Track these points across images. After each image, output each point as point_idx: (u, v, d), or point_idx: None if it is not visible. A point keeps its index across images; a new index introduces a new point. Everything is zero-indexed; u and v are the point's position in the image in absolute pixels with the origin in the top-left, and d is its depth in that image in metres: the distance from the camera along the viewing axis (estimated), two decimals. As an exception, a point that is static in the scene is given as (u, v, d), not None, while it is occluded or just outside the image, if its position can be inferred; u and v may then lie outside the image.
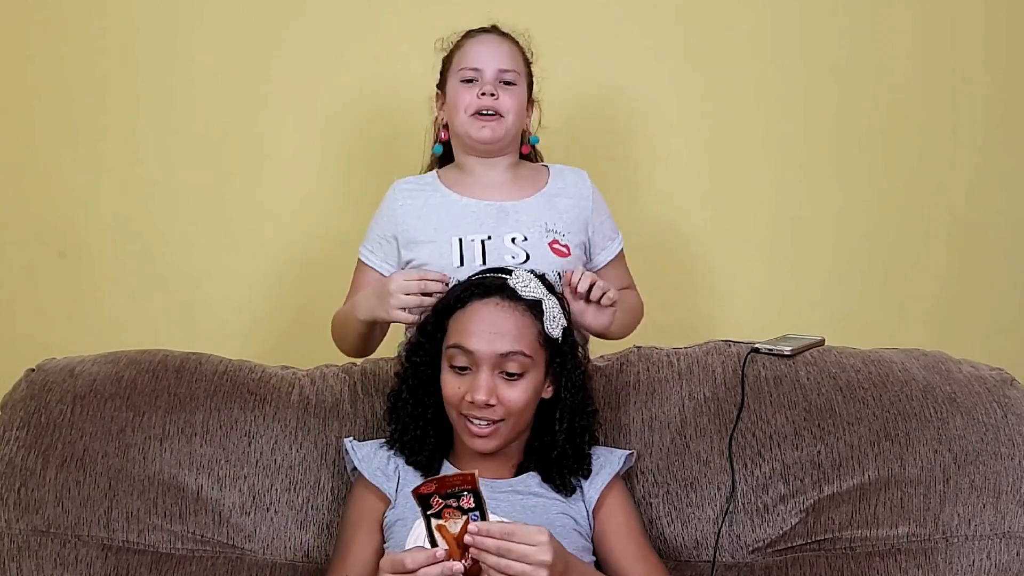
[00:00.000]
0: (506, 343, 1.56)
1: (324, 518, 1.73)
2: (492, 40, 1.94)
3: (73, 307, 2.59)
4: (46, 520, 1.70)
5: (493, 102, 1.88)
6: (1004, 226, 2.59)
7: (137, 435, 1.75)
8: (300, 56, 2.55)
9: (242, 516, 1.72)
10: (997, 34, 2.57)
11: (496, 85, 1.89)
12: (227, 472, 1.74)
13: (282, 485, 1.74)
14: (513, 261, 1.83)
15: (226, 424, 1.77)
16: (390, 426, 1.68)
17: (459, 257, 1.84)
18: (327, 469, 1.75)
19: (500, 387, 1.56)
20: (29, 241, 2.59)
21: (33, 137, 2.57)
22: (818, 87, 2.57)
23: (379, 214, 1.96)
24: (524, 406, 1.58)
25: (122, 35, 2.55)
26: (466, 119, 1.89)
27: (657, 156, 2.59)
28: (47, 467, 1.72)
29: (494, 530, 1.34)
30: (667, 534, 1.72)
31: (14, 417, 1.78)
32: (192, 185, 2.56)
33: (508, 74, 1.91)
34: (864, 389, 1.78)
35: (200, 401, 1.78)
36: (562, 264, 1.85)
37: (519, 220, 1.88)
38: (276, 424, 1.78)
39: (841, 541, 1.69)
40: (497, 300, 1.59)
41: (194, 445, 1.75)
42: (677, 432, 1.77)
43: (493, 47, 1.92)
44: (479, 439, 1.57)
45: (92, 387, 1.79)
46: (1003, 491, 1.69)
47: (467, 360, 1.57)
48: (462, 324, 1.59)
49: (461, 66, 1.92)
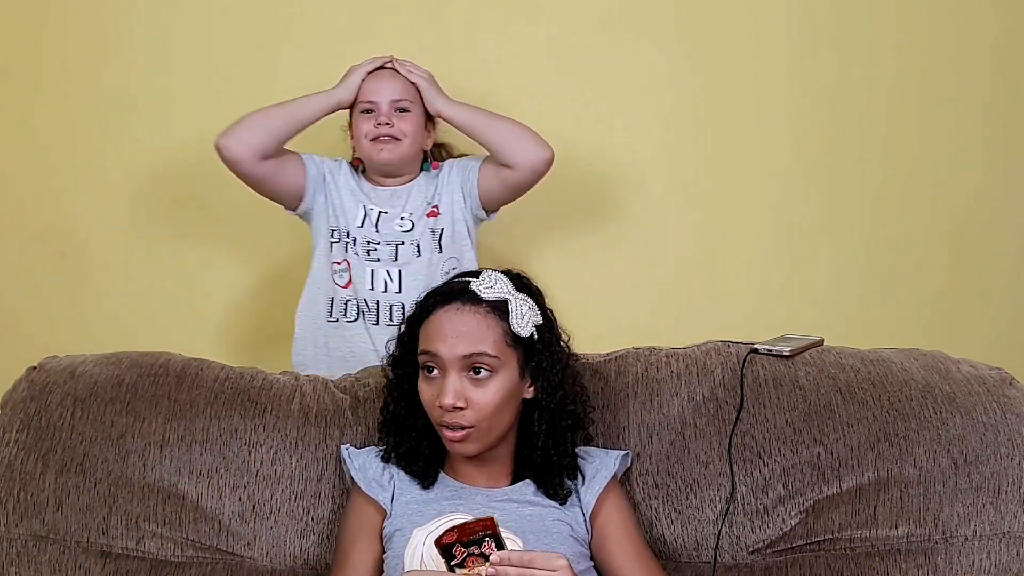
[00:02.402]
0: (468, 344, 1.55)
1: (325, 528, 1.72)
2: (385, 75, 2.23)
3: (73, 307, 2.59)
4: (45, 525, 1.69)
5: (389, 129, 2.19)
6: (1004, 226, 2.59)
7: (137, 441, 1.74)
8: (300, 56, 2.55)
9: (242, 524, 1.72)
10: (997, 34, 2.57)
11: (391, 114, 2.20)
12: (227, 481, 1.73)
13: (282, 495, 1.73)
14: (399, 229, 2.22)
15: (226, 433, 1.76)
16: (384, 439, 1.68)
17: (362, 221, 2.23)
18: (328, 479, 1.74)
19: (468, 390, 1.55)
20: (29, 241, 2.59)
21: (33, 137, 2.58)
22: (817, 87, 2.57)
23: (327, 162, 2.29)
24: (495, 408, 1.56)
25: (122, 35, 2.56)
26: (367, 144, 2.21)
27: (656, 155, 2.59)
28: (47, 471, 1.72)
29: (514, 558, 1.35)
30: (667, 535, 1.72)
31: (14, 419, 1.77)
32: (192, 185, 2.56)
33: (401, 102, 2.21)
34: (863, 389, 1.77)
35: (200, 408, 1.78)
36: (434, 222, 2.24)
37: (407, 201, 2.25)
38: (276, 433, 1.77)
39: (841, 542, 1.69)
40: (458, 305, 1.59)
41: (194, 453, 1.74)
42: (676, 433, 1.77)
43: (386, 82, 2.22)
44: (455, 444, 1.57)
45: (93, 390, 1.79)
46: (1003, 491, 1.69)
47: (435, 364, 1.57)
48: (427, 332, 1.59)
49: (360, 100, 2.22)
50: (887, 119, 2.57)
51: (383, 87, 2.21)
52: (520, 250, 2.56)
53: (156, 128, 2.56)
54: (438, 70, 2.25)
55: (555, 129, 2.26)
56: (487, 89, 2.52)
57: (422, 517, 1.57)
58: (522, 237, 2.57)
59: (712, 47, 2.56)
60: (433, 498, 1.61)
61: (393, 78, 2.23)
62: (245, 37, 2.55)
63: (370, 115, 2.20)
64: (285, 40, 2.55)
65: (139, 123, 2.56)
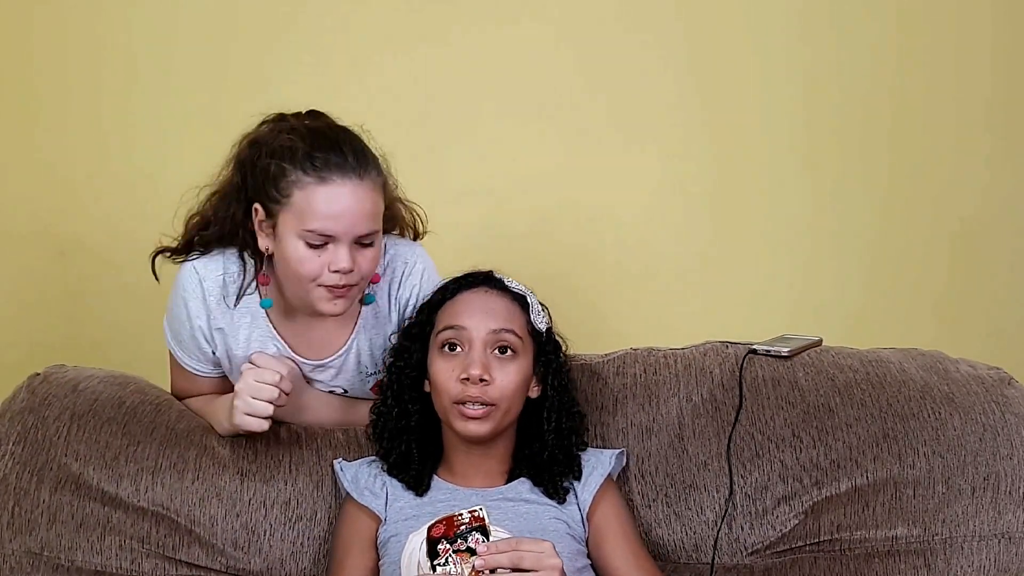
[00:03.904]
0: (498, 321, 1.60)
1: (320, 548, 1.70)
2: (347, 193, 1.59)
3: (73, 307, 2.59)
4: (39, 542, 1.67)
5: (349, 278, 1.61)
6: (1004, 227, 2.58)
7: (130, 465, 1.71)
8: (299, 56, 2.54)
9: (236, 550, 1.69)
10: (1001, 35, 2.56)
11: (352, 250, 1.60)
12: (219, 511, 1.70)
13: (276, 520, 1.71)
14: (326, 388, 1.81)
15: (219, 462, 1.73)
16: (376, 442, 1.68)
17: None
18: (323, 499, 1.72)
19: (493, 366, 1.57)
20: (29, 241, 2.59)
21: (33, 137, 2.57)
22: (820, 87, 2.57)
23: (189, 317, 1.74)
24: (515, 390, 1.59)
25: (122, 35, 2.55)
26: (312, 288, 1.62)
27: (657, 153, 2.59)
28: (41, 487, 1.70)
29: (502, 546, 1.36)
30: (666, 537, 1.72)
31: (11, 430, 1.75)
32: (192, 185, 2.56)
33: (367, 237, 1.62)
34: (862, 390, 1.77)
35: (195, 439, 1.75)
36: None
37: (340, 373, 1.79)
38: (269, 460, 1.74)
39: (840, 542, 1.69)
40: (485, 288, 1.65)
41: (186, 481, 1.71)
42: (675, 434, 1.76)
43: (351, 205, 1.59)
44: (473, 422, 1.57)
45: (92, 407, 1.76)
46: (1002, 491, 1.69)
47: (460, 338, 1.58)
48: (453, 310, 1.62)
49: (307, 225, 1.58)
50: (890, 120, 2.56)
51: (347, 213, 1.59)
52: (520, 250, 2.56)
53: (156, 128, 2.55)
54: (439, 71, 2.23)
55: (556, 129, 2.26)
56: (485, 90, 2.52)
57: (417, 521, 1.57)
58: (523, 237, 2.57)
59: (714, 49, 2.56)
60: (427, 502, 1.61)
61: (361, 198, 1.60)
62: (245, 36, 2.54)
63: (320, 249, 1.60)
64: (286, 41, 2.55)
65: (139, 123, 2.56)
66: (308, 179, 1.59)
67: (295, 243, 1.60)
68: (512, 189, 2.54)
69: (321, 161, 1.59)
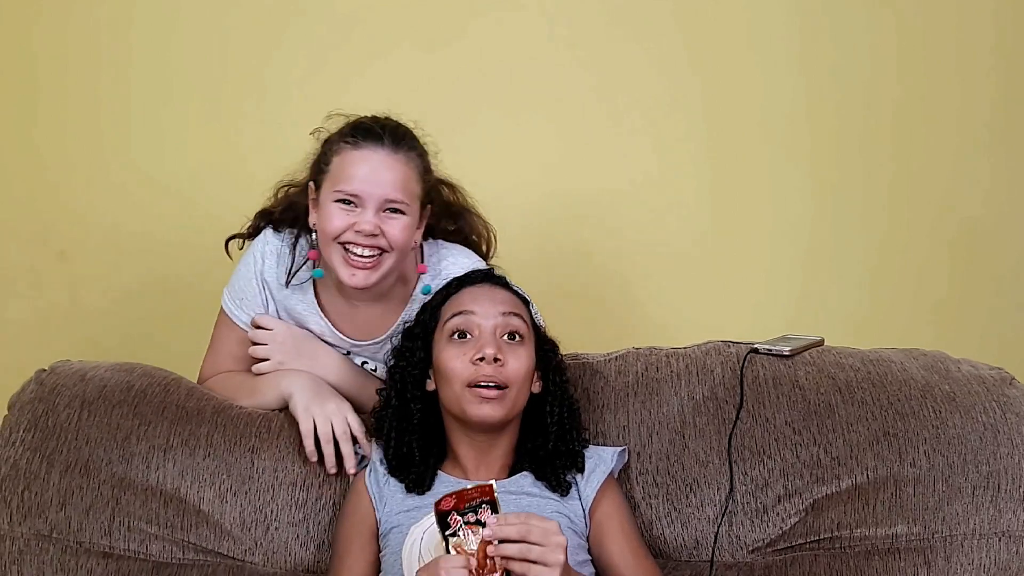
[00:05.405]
0: (507, 305, 1.65)
1: (325, 535, 1.72)
2: (378, 160, 1.69)
3: (73, 307, 2.59)
4: (48, 524, 1.70)
5: (372, 240, 1.68)
6: (1005, 228, 2.58)
7: (141, 444, 1.74)
8: (299, 56, 2.55)
9: (243, 531, 1.72)
10: (1002, 35, 2.57)
11: (378, 216, 1.68)
12: (228, 486, 1.73)
13: (284, 501, 1.73)
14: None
15: (230, 439, 1.76)
16: (378, 440, 1.70)
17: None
18: (330, 485, 1.74)
19: (505, 349, 1.60)
20: (29, 241, 2.59)
21: (33, 137, 2.57)
22: (821, 88, 2.56)
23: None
24: (525, 375, 1.62)
25: (121, 36, 2.55)
26: (335, 249, 1.70)
27: (659, 152, 2.59)
28: (51, 471, 1.72)
29: (511, 518, 1.37)
30: (666, 534, 1.73)
31: (21, 419, 1.78)
32: (192, 185, 2.56)
33: (395, 203, 1.69)
34: (863, 389, 1.77)
35: (207, 416, 1.78)
36: None
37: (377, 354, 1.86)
38: (280, 440, 1.77)
39: (840, 540, 1.69)
40: (490, 284, 1.71)
41: (197, 458, 1.74)
42: (676, 433, 1.77)
43: (379, 170, 1.69)
44: (487, 404, 1.58)
45: (101, 392, 1.79)
46: (1002, 490, 1.69)
47: (470, 324, 1.62)
48: (461, 300, 1.66)
49: (337, 186, 1.69)
50: (892, 120, 2.56)
51: (374, 177, 1.69)
52: (521, 250, 2.55)
53: (156, 128, 2.55)
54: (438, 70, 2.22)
55: (557, 128, 2.26)
56: (486, 88, 2.52)
57: (419, 512, 1.58)
58: (523, 237, 2.56)
59: (715, 51, 2.56)
60: (431, 495, 1.61)
61: (390, 165, 1.70)
62: (244, 38, 2.54)
63: (349, 208, 1.70)
64: (285, 41, 2.55)
65: (139, 123, 2.56)
66: (345, 146, 1.73)
67: (330, 206, 1.71)
68: (512, 189, 2.53)
69: (361, 133, 1.73)
